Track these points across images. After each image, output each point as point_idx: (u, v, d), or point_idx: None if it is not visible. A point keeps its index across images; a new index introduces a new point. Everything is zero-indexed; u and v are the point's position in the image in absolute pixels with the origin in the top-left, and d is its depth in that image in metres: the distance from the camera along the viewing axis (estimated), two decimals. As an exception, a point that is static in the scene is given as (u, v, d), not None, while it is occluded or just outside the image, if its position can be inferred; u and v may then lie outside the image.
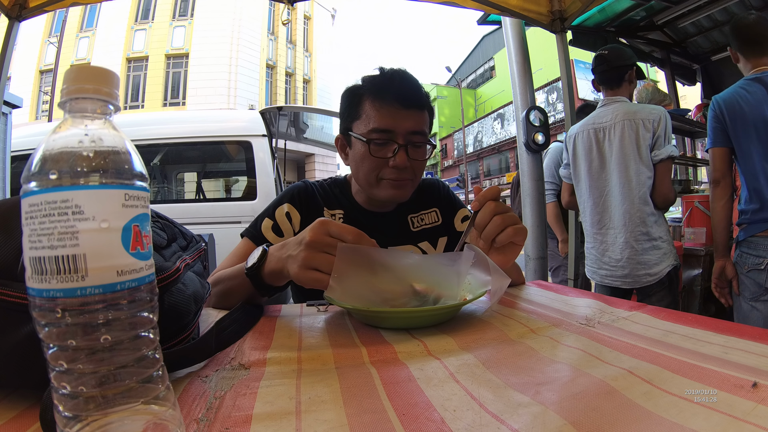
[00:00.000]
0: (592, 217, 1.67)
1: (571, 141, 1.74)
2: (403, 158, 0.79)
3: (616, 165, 1.57)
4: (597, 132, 1.63)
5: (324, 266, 0.52)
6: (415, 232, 0.91)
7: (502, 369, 0.38)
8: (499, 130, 21.16)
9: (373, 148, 0.79)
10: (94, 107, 0.25)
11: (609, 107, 1.62)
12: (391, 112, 0.79)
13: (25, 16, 1.64)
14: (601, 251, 1.65)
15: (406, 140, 0.80)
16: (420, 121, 0.81)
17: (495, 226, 0.58)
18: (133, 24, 15.97)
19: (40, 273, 0.22)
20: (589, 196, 1.68)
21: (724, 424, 0.26)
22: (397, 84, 0.80)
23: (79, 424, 0.22)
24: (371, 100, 0.80)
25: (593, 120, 1.65)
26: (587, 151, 1.66)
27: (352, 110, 0.83)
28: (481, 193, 0.61)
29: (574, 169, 1.75)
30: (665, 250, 1.52)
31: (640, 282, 1.54)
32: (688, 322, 0.49)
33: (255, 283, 0.60)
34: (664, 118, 1.51)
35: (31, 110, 14.75)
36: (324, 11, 20.61)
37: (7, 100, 2.13)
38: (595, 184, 1.65)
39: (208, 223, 2.91)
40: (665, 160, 1.51)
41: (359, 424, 0.29)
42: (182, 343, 0.42)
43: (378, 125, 0.78)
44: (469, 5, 1.75)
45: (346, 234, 0.53)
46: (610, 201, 1.61)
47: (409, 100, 0.80)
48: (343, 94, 0.86)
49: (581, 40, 3.15)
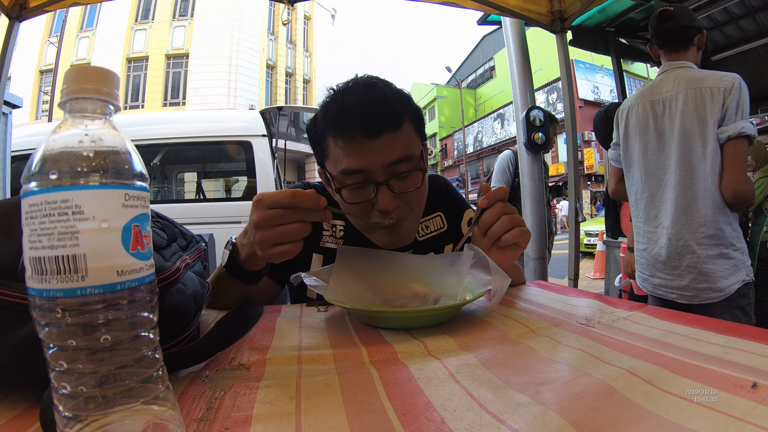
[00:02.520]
0: (647, 211, 1.35)
1: (623, 116, 1.42)
2: (386, 199, 0.64)
3: (677, 147, 1.25)
4: (654, 105, 1.31)
5: (282, 238, 0.52)
6: (421, 241, 0.83)
7: (502, 369, 0.38)
8: (499, 130, 21.17)
9: (348, 194, 0.66)
10: (94, 107, 0.25)
11: (671, 74, 1.30)
12: (356, 149, 0.63)
13: (25, 16, 1.64)
14: (654, 255, 1.33)
15: (387, 175, 0.64)
16: (399, 145, 0.64)
17: (502, 225, 0.59)
18: (133, 24, 15.98)
19: (40, 273, 0.22)
20: (643, 185, 1.36)
21: (724, 424, 0.26)
22: (359, 110, 0.63)
23: (79, 424, 0.22)
24: (332, 136, 0.65)
25: (651, 91, 1.33)
26: (642, 129, 1.34)
27: (319, 146, 0.69)
28: (492, 192, 0.60)
29: (625, 151, 1.42)
30: (737, 260, 1.21)
31: (700, 297, 1.23)
32: (688, 322, 0.49)
33: (238, 275, 0.61)
34: (738, 85, 1.18)
35: (31, 110, 14.76)
36: (324, 11, 20.62)
37: (7, 100, 2.13)
38: (651, 171, 1.33)
39: (208, 223, 2.91)
40: (735, 140, 1.16)
41: (359, 424, 0.29)
42: (182, 343, 0.42)
43: (347, 166, 0.64)
44: (469, 5, 1.75)
45: (282, 199, 0.52)
46: (668, 192, 1.29)
47: (376, 126, 0.63)
48: (307, 130, 0.73)
49: (581, 40, 3.15)
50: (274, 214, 0.52)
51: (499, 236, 0.60)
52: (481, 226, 0.60)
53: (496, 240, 0.61)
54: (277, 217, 0.52)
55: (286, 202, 0.52)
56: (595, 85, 16.85)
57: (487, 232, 0.60)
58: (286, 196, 0.52)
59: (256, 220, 0.52)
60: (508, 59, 2.40)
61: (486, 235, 0.60)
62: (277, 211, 0.52)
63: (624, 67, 3.53)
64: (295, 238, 0.52)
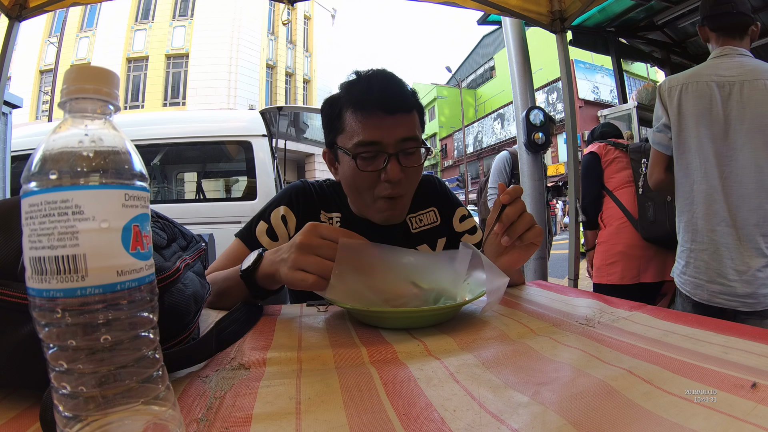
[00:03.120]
0: (707, 206, 1.19)
1: (674, 95, 1.24)
2: (395, 170, 0.72)
3: (749, 137, 1.12)
4: (721, 87, 1.16)
5: (312, 267, 0.53)
6: (414, 234, 0.88)
7: (502, 369, 0.38)
8: (499, 130, 21.17)
9: (361, 162, 0.73)
10: (94, 107, 0.25)
11: (733, 59, 1.19)
12: (375, 122, 0.72)
13: (25, 16, 1.64)
14: (716, 258, 1.17)
15: (397, 149, 0.73)
16: (409, 125, 0.74)
17: (524, 222, 0.60)
18: (133, 24, 15.98)
19: (40, 273, 0.22)
20: (703, 176, 1.19)
21: (724, 424, 0.26)
22: (378, 88, 0.72)
23: (79, 424, 0.22)
24: (352, 111, 0.73)
25: (713, 71, 1.20)
26: (704, 111, 1.18)
27: (334, 123, 0.77)
28: (512, 188, 0.60)
29: (678, 134, 1.23)
30: None
31: (763, 304, 1.13)
32: (688, 322, 0.49)
33: (249, 286, 0.60)
34: None
35: (31, 110, 14.76)
36: (324, 11, 20.62)
37: (7, 100, 2.13)
38: (715, 160, 1.17)
39: (208, 223, 2.91)
40: None
41: (359, 424, 0.29)
42: (182, 343, 0.42)
43: (363, 138, 0.72)
44: (469, 5, 1.75)
45: (336, 236, 0.54)
46: (734, 186, 1.15)
47: (394, 105, 0.72)
48: (323, 106, 0.80)
49: (581, 40, 3.16)
50: (322, 244, 0.54)
51: (521, 234, 0.60)
52: (503, 222, 0.60)
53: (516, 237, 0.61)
54: (322, 246, 0.53)
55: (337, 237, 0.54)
56: (595, 85, 16.84)
57: (509, 229, 0.60)
58: (342, 235, 0.54)
59: (302, 240, 0.54)
60: (508, 59, 2.40)
61: (508, 232, 0.61)
62: (326, 242, 0.54)
63: (624, 67, 3.53)
64: (322, 272, 0.52)
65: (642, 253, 1.80)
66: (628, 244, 1.83)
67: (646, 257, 1.79)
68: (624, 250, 1.84)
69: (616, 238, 1.88)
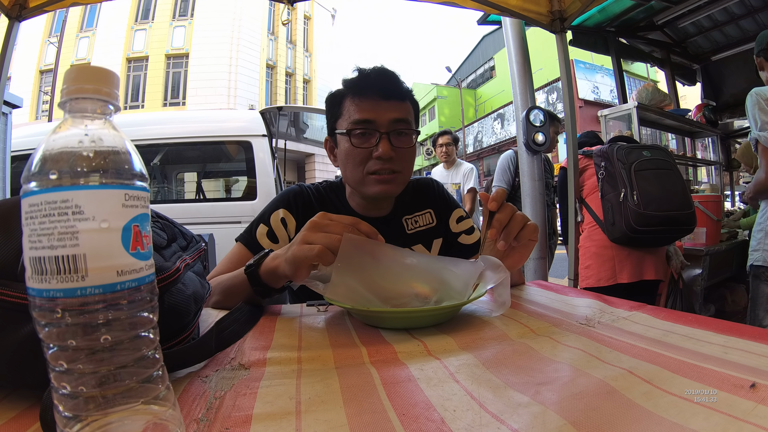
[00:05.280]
0: None
1: None
2: (386, 147, 0.78)
3: None
4: None
5: (319, 239, 0.54)
6: (410, 234, 0.90)
7: (502, 369, 0.38)
8: (499, 130, 21.15)
9: (355, 139, 0.79)
10: (94, 107, 0.25)
11: None
12: (371, 104, 0.79)
13: (25, 16, 1.64)
14: None
15: (389, 128, 0.79)
16: (402, 110, 0.81)
17: (517, 223, 0.61)
18: (133, 24, 15.96)
19: (40, 273, 0.22)
20: None
21: (724, 424, 0.26)
22: (375, 78, 0.81)
23: (79, 424, 0.22)
24: (351, 97, 0.81)
25: None
26: None
27: (335, 110, 0.84)
28: (498, 193, 0.61)
29: None
30: None
31: None
32: (688, 322, 0.49)
33: (252, 281, 0.61)
34: None
35: (31, 110, 14.74)
36: (324, 11, 20.61)
37: (7, 100, 2.13)
38: None
39: (208, 223, 2.90)
40: None
41: (359, 424, 0.29)
42: (182, 343, 0.42)
43: (359, 117, 0.79)
44: (469, 5, 1.74)
45: (346, 220, 0.56)
46: None
47: (388, 91, 0.80)
48: (327, 99, 0.87)
49: (581, 40, 3.16)
50: (332, 223, 0.56)
51: (516, 234, 0.61)
52: (495, 227, 0.61)
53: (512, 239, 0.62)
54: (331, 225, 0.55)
55: (347, 221, 0.56)
56: (595, 85, 16.81)
57: (503, 232, 0.61)
58: (348, 219, 0.57)
59: (312, 221, 0.56)
60: (508, 59, 2.39)
61: (503, 235, 0.61)
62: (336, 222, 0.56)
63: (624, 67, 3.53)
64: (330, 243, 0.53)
65: (614, 254, 1.82)
66: (599, 246, 1.86)
67: (620, 257, 1.81)
68: (597, 251, 1.86)
69: (588, 241, 1.91)
